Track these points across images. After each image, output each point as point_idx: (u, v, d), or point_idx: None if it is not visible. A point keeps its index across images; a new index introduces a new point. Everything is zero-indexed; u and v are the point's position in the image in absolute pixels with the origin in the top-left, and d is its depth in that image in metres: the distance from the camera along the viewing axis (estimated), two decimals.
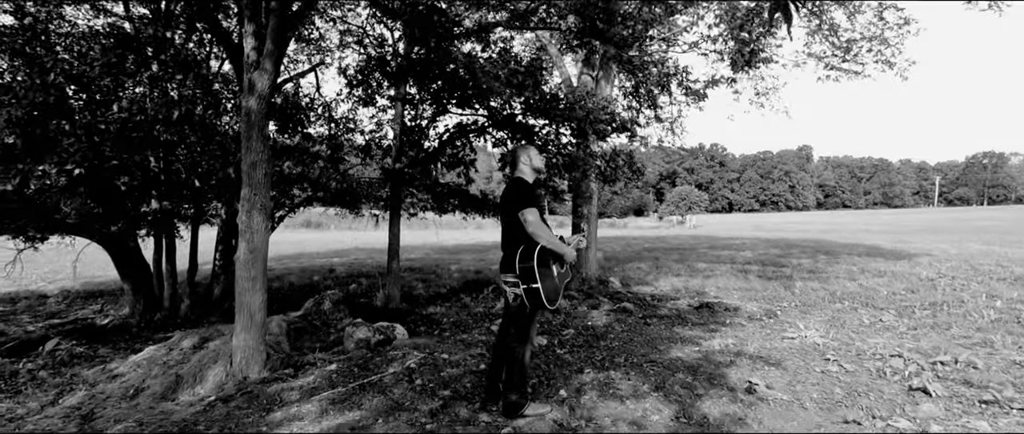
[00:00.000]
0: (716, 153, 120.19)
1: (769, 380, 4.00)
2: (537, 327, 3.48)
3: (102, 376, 4.96)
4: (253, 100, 4.49)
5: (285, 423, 3.45)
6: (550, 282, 3.19)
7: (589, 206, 10.01)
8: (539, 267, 3.12)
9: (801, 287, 9.18)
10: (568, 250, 3.26)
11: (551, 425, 3.22)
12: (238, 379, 4.45)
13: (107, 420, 3.92)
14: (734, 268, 12.29)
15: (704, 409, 3.42)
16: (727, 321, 6.50)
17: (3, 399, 4.58)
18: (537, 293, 3.10)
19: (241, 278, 4.56)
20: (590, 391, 3.78)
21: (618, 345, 5.23)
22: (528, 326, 3.34)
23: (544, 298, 3.11)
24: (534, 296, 3.12)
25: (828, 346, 5.07)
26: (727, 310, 7.28)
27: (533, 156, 3.46)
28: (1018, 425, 3.21)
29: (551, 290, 3.18)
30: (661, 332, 5.79)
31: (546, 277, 3.16)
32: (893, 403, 3.57)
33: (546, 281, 3.15)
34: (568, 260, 3.30)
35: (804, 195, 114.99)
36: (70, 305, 10.13)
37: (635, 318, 6.55)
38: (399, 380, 4.14)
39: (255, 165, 4.52)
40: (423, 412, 3.48)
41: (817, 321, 6.38)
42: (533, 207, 3.18)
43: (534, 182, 3.51)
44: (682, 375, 4.13)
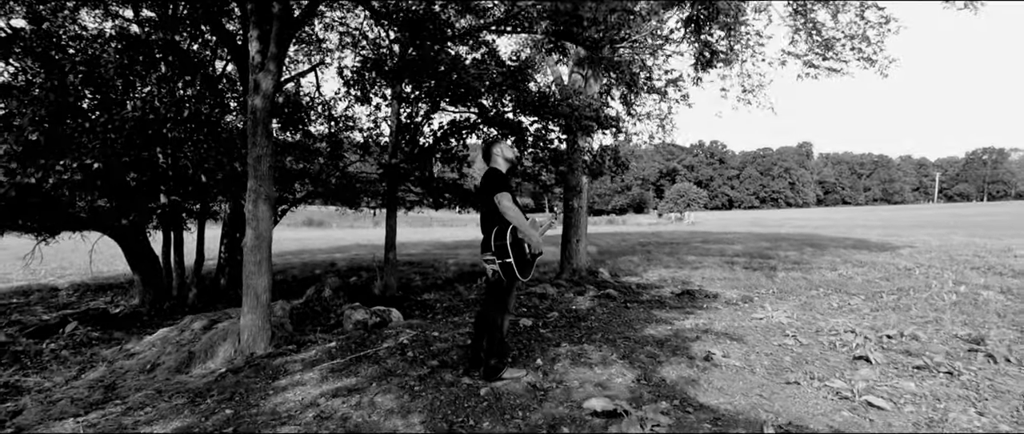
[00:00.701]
0: (716, 150, 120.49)
1: (728, 351, 4.41)
2: (515, 301, 3.88)
3: (119, 354, 5.37)
4: (258, 99, 4.90)
5: (289, 388, 3.86)
6: (522, 257, 3.59)
7: (579, 199, 10.40)
8: (511, 244, 3.52)
9: (782, 276, 9.58)
10: (534, 235, 3.64)
11: (525, 386, 3.62)
12: (246, 354, 4.86)
13: (129, 389, 4.34)
14: (722, 260, 12.69)
15: (663, 373, 3.83)
16: (704, 305, 6.91)
17: (31, 374, 5.00)
18: (511, 267, 3.50)
19: (248, 262, 4.97)
20: (564, 360, 4.19)
21: (597, 325, 5.64)
22: (506, 298, 3.75)
23: (516, 271, 3.51)
24: (508, 270, 3.52)
25: (791, 325, 5.47)
26: (707, 296, 7.68)
27: (505, 149, 3.85)
28: (941, 384, 3.61)
29: (523, 263, 3.58)
30: (639, 314, 6.20)
31: (518, 252, 3.56)
32: (835, 369, 3.97)
33: (518, 256, 3.55)
34: (533, 245, 3.67)
35: (804, 192, 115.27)
36: (81, 297, 10.55)
37: (617, 303, 6.96)
38: (392, 353, 4.55)
39: (260, 159, 4.93)
40: (412, 377, 3.89)
41: (789, 305, 6.78)
42: (507, 192, 3.58)
43: (508, 171, 3.90)
44: (650, 348, 4.53)
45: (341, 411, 3.34)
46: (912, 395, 3.41)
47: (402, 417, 3.22)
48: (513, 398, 3.44)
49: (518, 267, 3.52)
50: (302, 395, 3.69)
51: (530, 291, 7.74)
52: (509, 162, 3.90)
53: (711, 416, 3.10)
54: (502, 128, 7.50)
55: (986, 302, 6.24)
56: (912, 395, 3.41)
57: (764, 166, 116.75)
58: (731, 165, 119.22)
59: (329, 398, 3.57)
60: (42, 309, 9.24)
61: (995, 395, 3.42)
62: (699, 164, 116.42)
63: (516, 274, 3.52)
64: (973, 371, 3.82)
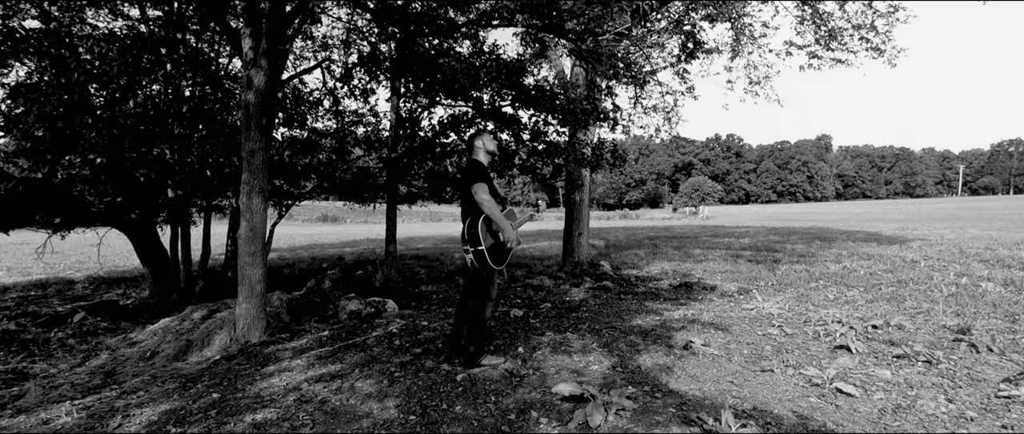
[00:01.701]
0: (732, 144, 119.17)
1: (709, 340, 4.44)
2: (497, 289, 3.96)
3: (122, 343, 5.57)
4: (251, 94, 5.03)
5: (277, 374, 3.99)
6: (495, 245, 3.66)
7: (580, 193, 10.43)
8: (484, 232, 3.60)
9: (785, 269, 9.52)
10: (508, 226, 3.70)
11: (502, 373, 3.70)
12: (241, 343, 5.01)
13: (127, 375, 4.50)
14: (728, 254, 12.64)
15: (640, 361, 3.88)
16: (699, 297, 6.92)
17: (38, 361, 5.20)
18: (483, 255, 3.58)
19: (243, 253, 5.11)
20: (545, 348, 4.26)
21: (587, 315, 5.70)
22: (487, 287, 3.82)
23: (489, 259, 3.58)
24: (481, 258, 3.60)
25: (780, 316, 5.48)
26: (704, 288, 7.68)
27: (487, 141, 3.93)
28: (918, 373, 3.61)
29: (496, 251, 3.65)
30: (631, 305, 6.24)
31: (491, 240, 3.63)
32: (813, 357, 3.99)
33: (491, 244, 3.62)
34: (506, 238, 3.72)
35: (823, 185, 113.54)
36: (96, 290, 10.85)
37: (611, 295, 7.00)
38: (380, 341, 4.67)
39: (253, 153, 5.06)
40: (394, 364, 3.99)
41: (784, 297, 6.76)
42: (484, 183, 3.65)
43: (489, 163, 3.98)
44: (633, 337, 4.58)
45: (321, 395, 3.46)
46: (885, 383, 3.43)
47: (378, 401, 3.32)
48: (488, 384, 3.52)
49: (491, 256, 3.60)
50: (287, 380, 3.81)
51: (527, 283, 7.82)
52: (491, 154, 3.96)
53: (677, 401, 3.15)
54: (497, 121, 7.57)
55: (984, 294, 6.17)
56: (885, 383, 3.43)
57: (782, 159, 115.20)
58: (748, 159, 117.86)
59: (312, 383, 3.68)
60: (57, 301, 9.55)
61: (970, 383, 3.42)
62: (715, 158, 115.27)
63: (489, 262, 3.60)
64: (953, 360, 3.81)
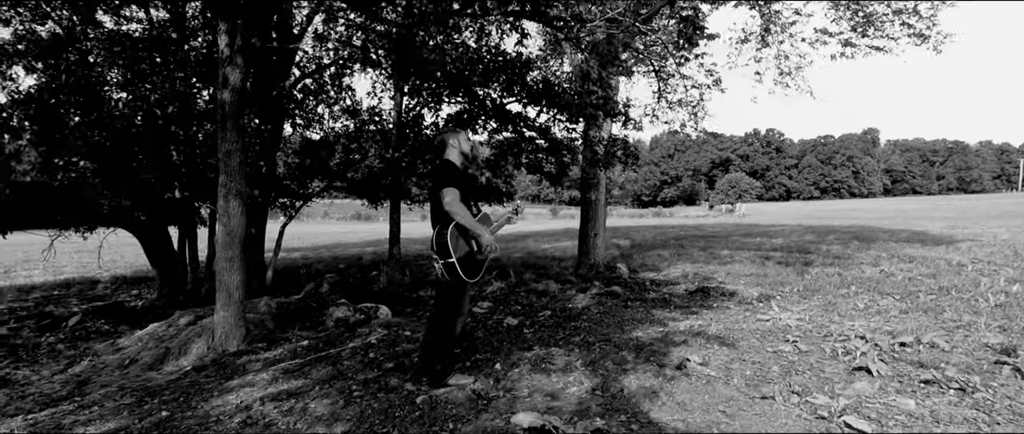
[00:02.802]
0: (772, 139, 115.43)
1: (709, 358, 3.99)
2: (470, 302, 3.62)
3: (109, 349, 5.47)
4: (227, 93, 4.82)
5: (236, 389, 3.76)
6: (467, 256, 3.32)
7: (596, 192, 9.99)
8: (454, 242, 3.26)
9: (815, 273, 8.87)
10: (483, 233, 3.36)
11: (469, 394, 3.36)
12: (218, 352, 4.82)
13: (97, 385, 4.36)
14: (757, 255, 11.97)
15: (624, 383, 3.48)
16: (714, 305, 6.42)
17: (23, 367, 5.14)
18: (454, 267, 3.24)
19: (220, 258, 4.92)
20: (524, 365, 3.90)
21: (585, 325, 5.30)
22: (457, 300, 3.49)
23: (460, 271, 3.24)
24: (451, 270, 3.26)
25: (798, 328, 4.96)
26: (722, 295, 7.16)
27: (462, 141, 3.58)
28: (948, 403, 3.10)
29: (467, 264, 3.31)
30: (635, 314, 5.80)
31: (462, 251, 3.29)
32: (826, 381, 3.50)
33: (462, 255, 3.28)
34: (483, 244, 3.38)
35: (869, 181, 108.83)
36: (116, 290, 11.02)
37: (618, 301, 6.57)
38: (354, 354, 4.39)
39: (230, 154, 4.86)
40: (357, 381, 3.70)
41: (808, 305, 6.20)
42: (453, 187, 3.31)
43: (462, 166, 3.63)
44: (626, 353, 4.17)
45: (269, 417, 3.19)
46: (906, 416, 2.94)
47: (327, 425, 3.03)
48: (450, 408, 3.19)
49: (462, 267, 3.26)
50: (243, 398, 3.56)
51: (532, 287, 7.46)
52: (464, 156, 3.62)
53: None
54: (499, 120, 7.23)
55: None
56: (906, 416, 2.94)
57: (825, 154, 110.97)
58: (789, 154, 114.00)
59: (266, 402, 3.42)
60: (76, 301, 9.69)
61: (1011, 418, 2.90)
62: (754, 153, 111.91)
63: (460, 275, 3.25)
64: (992, 388, 3.28)
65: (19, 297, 10.30)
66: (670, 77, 13.64)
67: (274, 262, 9.78)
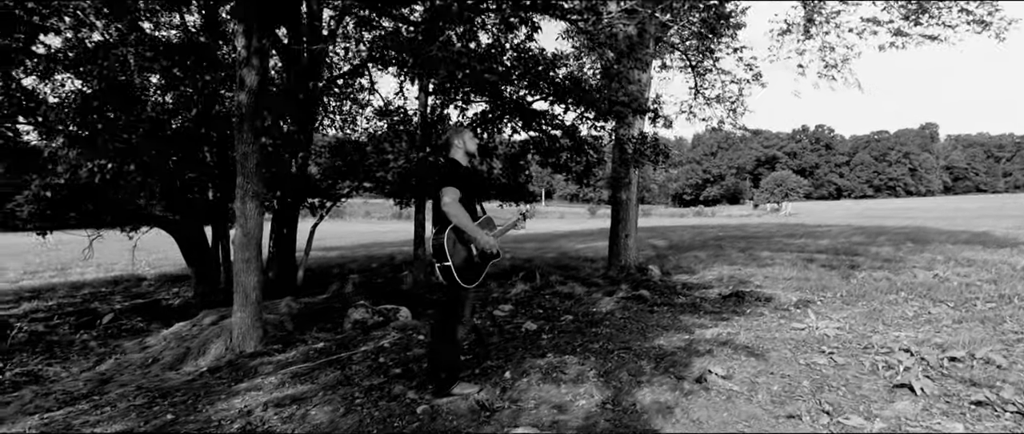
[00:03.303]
0: (821, 135, 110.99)
1: (734, 370, 3.72)
2: (471, 308, 3.47)
3: (136, 347, 5.59)
4: (243, 95, 4.83)
5: (243, 393, 3.73)
6: (465, 261, 3.17)
7: (627, 192, 9.70)
8: (451, 245, 3.12)
9: (862, 277, 8.35)
10: (481, 236, 3.21)
11: (472, 405, 3.22)
12: (235, 353, 4.84)
13: (116, 384, 4.43)
14: (800, 257, 11.40)
15: (637, 396, 3.26)
16: (747, 311, 6.08)
17: (55, 364, 5.29)
18: (450, 271, 3.10)
19: (237, 260, 4.94)
20: (535, 374, 3.73)
21: (607, 332, 5.08)
22: (458, 306, 3.35)
23: (457, 276, 3.10)
24: (448, 274, 3.12)
25: (836, 338, 4.61)
26: (757, 300, 6.80)
27: (467, 140, 3.44)
28: (1003, 429, 2.77)
29: (465, 269, 3.17)
30: (661, 320, 5.54)
31: (459, 255, 3.15)
32: (862, 400, 3.20)
33: (459, 259, 3.14)
34: (482, 247, 3.23)
35: (927, 179, 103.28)
36: (159, 287, 11.39)
37: (644, 306, 6.30)
38: (365, 358, 4.32)
39: (247, 155, 4.87)
40: (362, 388, 3.61)
41: (851, 313, 5.80)
42: (453, 187, 3.18)
43: (469, 166, 3.49)
44: (644, 362, 3.95)
45: (269, 423, 3.13)
46: None
47: None
48: (451, 419, 3.05)
49: (460, 272, 3.11)
50: (248, 402, 3.53)
51: (557, 290, 7.26)
52: (470, 155, 3.48)
53: None
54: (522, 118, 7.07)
55: None
56: None
57: (879, 151, 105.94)
58: (840, 151, 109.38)
59: (268, 408, 3.37)
60: (120, 298, 10.05)
61: None
62: (802, 151, 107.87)
63: (457, 280, 3.11)
64: None
65: (69, 293, 10.76)
66: (707, 72, 13.20)
67: (305, 261, 9.89)
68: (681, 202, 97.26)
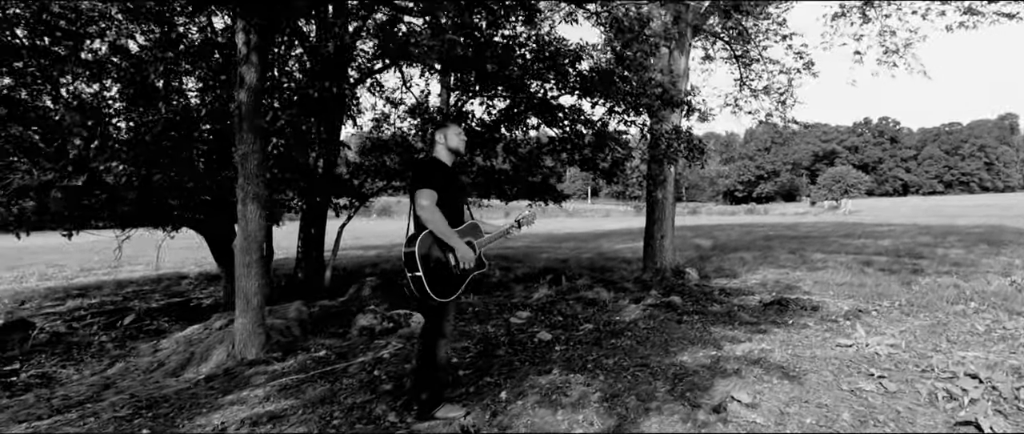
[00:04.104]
0: (886, 128, 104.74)
1: (762, 397, 3.24)
2: (453, 323, 3.13)
3: (149, 350, 5.55)
4: (243, 93, 4.67)
5: (227, 406, 3.54)
6: (437, 272, 2.85)
7: (663, 190, 9.15)
8: (424, 254, 2.80)
9: (925, 283, 7.55)
10: (459, 245, 2.87)
11: (455, 430, 2.89)
12: (237, 359, 4.69)
13: (115, 391, 4.34)
14: (856, 259, 10.53)
15: (642, 427, 2.85)
16: (788, 321, 5.50)
17: (69, 366, 5.31)
18: (421, 282, 2.78)
19: (238, 264, 4.79)
20: (533, 395, 3.36)
21: (627, 344, 4.65)
22: (438, 321, 3.03)
23: (428, 288, 2.78)
24: (418, 285, 2.80)
25: (889, 357, 4.02)
26: (802, 309, 6.18)
27: (450, 136, 3.11)
28: None
29: (438, 280, 2.84)
30: (689, 332, 5.05)
31: (430, 266, 2.82)
32: None
33: (432, 270, 2.81)
34: (459, 256, 2.90)
35: (1006, 173, 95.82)
36: (198, 286, 11.62)
37: (673, 314, 5.81)
38: (361, 369, 4.07)
39: (247, 156, 4.71)
40: (344, 406, 3.34)
41: (909, 327, 5.14)
42: (429, 189, 2.86)
43: (453, 164, 3.17)
44: (659, 383, 3.51)
45: None
46: None
47: None
48: None
49: (431, 284, 2.79)
50: (227, 417, 3.32)
51: (581, 295, 6.84)
52: (454, 152, 3.15)
53: None
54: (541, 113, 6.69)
55: None
56: None
57: (951, 144, 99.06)
58: (906, 144, 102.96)
59: (244, 425, 3.15)
60: (159, 296, 10.27)
61: None
62: (864, 145, 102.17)
63: (428, 293, 2.79)
64: None
65: (114, 291, 11.09)
66: (754, 62, 12.42)
67: (332, 262, 9.83)
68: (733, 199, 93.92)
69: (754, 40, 11.61)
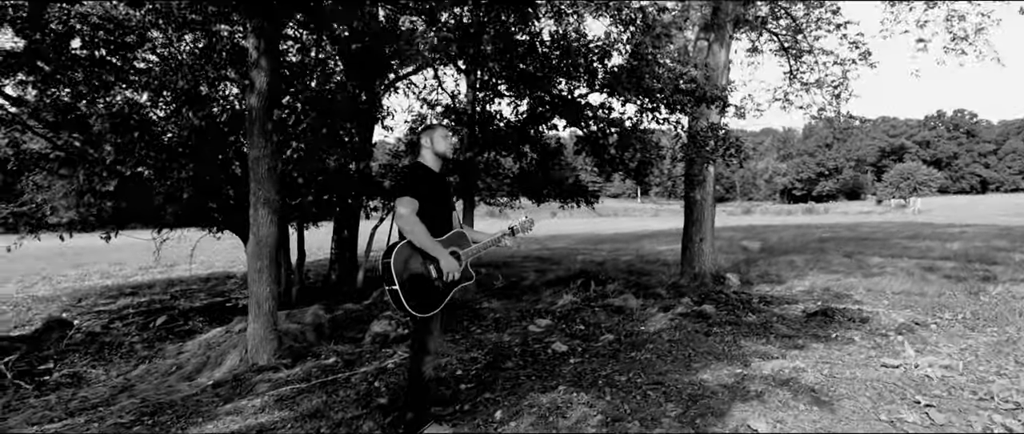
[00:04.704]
0: (961, 121, 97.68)
1: (782, 427, 2.90)
2: (439, 339, 2.93)
3: (174, 353, 5.65)
4: (254, 98, 4.65)
5: (223, 416, 3.49)
6: (416, 285, 2.67)
7: (701, 191, 8.69)
8: (400, 265, 2.63)
9: (997, 293, 6.83)
10: (443, 255, 2.69)
11: None
12: (248, 365, 4.69)
13: (131, 394, 4.41)
14: (918, 265, 9.72)
15: None
16: (832, 335, 5.04)
17: (99, 366, 5.46)
18: (397, 296, 2.61)
19: (250, 269, 4.79)
20: (529, 416, 3.13)
21: (646, 358, 4.34)
22: (419, 336, 2.86)
23: (404, 301, 2.61)
24: (396, 300, 2.63)
25: (942, 381, 3.56)
26: (850, 321, 5.67)
27: (437, 139, 2.93)
28: None
29: (416, 294, 2.66)
30: (716, 345, 4.68)
31: (409, 277, 2.65)
32: None
33: (408, 282, 2.64)
34: (443, 266, 2.71)
35: None
36: (241, 286, 11.96)
37: (702, 325, 5.42)
38: (362, 380, 3.96)
39: (258, 160, 4.69)
40: (333, 421, 3.22)
41: (973, 344, 4.60)
42: (409, 196, 2.69)
43: (442, 168, 2.99)
44: (670, 406, 3.22)
45: None
46: None
47: None
48: None
49: (408, 297, 2.62)
50: (220, 429, 3.27)
51: (606, 302, 6.54)
52: (441, 156, 2.97)
53: None
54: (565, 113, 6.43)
55: None
56: None
57: None
58: (985, 138, 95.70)
59: None
60: (204, 296, 10.62)
61: None
62: (936, 139, 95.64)
63: (405, 306, 2.62)
64: None
65: (164, 290, 11.54)
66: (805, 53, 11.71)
67: (365, 264, 9.88)
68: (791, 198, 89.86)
69: (805, 30, 10.91)
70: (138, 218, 7.75)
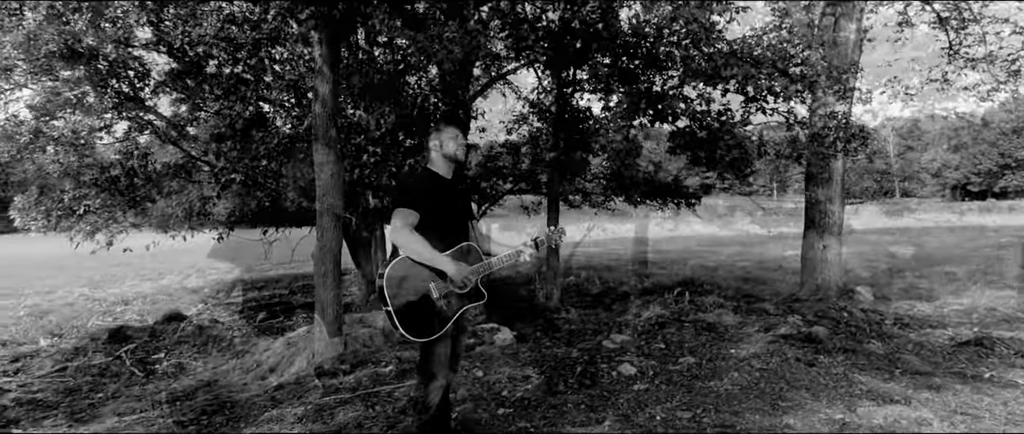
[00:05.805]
0: None
1: None
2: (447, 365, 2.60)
3: (263, 349, 5.96)
4: (317, 105, 4.71)
5: (265, 423, 3.51)
6: (411, 306, 2.39)
7: (825, 190, 7.52)
8: (395, 285, 2.37)
9: None
10: (447, 263, 2.38)
11: None
12: (313, 368, 4.76)
13: (212, 388, 4.67)
14: None
15: None
16: (984, 374, 3.98)
17: (200, 358, 5.92)
18: (391, 317, 2.36)
19: (315, 274, 4.88)
20: None
21: (725, 390, 3.70)
22: (425, 362, 2.58)
23: (397, 322, 2.34)
24: (391, 322, 2.38)
25: None
26: (1016, 355, 4.48)
27: (446, 141, 2.64)
28: None
29: (411, 317, 2.38)
30: (818, 379, 3.88)
31: (405, 298, 2.37)
32: None
33: (403, 304, 2.37)
34: (452, 275, 2.41)
35: None
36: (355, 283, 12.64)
37: (807, 351, 4.56)
38: (405, 394, 3.79)
39: (322, 166, 4.75)
40: None
41: None
42: (407, 208, 2.43)
43: (452, 173, 2.69)
44: None
45: None
46: None
47: None
48: None
49: (401, 318, 2.35)
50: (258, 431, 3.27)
51: (699, 317, 5.82)
52: (451, 159, 2.67)
53: None
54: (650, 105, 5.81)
55: None
56: None
57: None
58: None
59: None
60: (300, 296, 11.32)
61: None
62: None
63: (399, 329, 2.35)
64: None
65: (287, 285, 12.50)
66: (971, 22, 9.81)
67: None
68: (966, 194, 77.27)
69: None
70: (265, 218, 8.55)
